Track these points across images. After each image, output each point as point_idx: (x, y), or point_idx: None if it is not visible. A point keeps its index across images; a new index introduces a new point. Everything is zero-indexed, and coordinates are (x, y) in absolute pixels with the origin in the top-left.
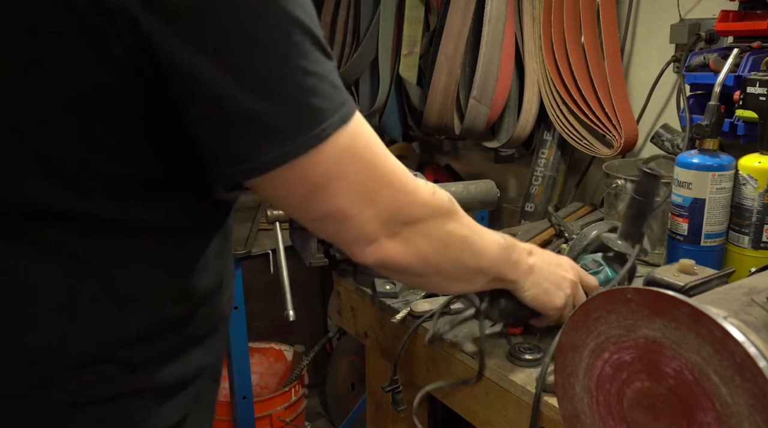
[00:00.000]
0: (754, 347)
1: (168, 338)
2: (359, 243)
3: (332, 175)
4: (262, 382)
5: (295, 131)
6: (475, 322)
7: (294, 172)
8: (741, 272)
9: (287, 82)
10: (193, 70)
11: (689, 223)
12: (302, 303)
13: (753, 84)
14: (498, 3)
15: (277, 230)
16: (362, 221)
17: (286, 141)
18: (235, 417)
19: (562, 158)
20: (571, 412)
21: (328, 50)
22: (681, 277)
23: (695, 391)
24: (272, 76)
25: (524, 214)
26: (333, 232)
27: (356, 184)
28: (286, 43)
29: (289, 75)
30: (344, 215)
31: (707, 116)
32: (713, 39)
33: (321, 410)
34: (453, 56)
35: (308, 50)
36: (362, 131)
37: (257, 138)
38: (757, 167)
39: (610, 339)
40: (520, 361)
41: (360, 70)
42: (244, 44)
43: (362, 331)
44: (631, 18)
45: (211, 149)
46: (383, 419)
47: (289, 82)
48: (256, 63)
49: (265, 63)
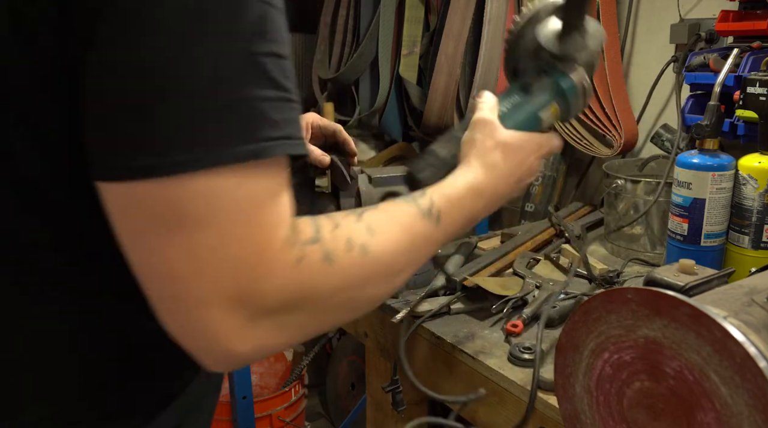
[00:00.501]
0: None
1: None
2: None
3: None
4: (262, 382)
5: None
6: (475, 322)
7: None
8: (741, 272)
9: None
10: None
11: (689, 223)
12: None
13: (753, 84)
14: (498, 3)
15: None
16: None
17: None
18: (235, 417)
19: (562, 158)
20: (571, 412)
21: (281, 73)
22: (681, 277)
23: (695, 391)
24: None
25: (524, 214)
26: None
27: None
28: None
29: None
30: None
31: (707, 116)
32: (713, 39)
33: (321, 410)
34: (453, 56)
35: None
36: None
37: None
38: (757, 167)
39: (610, 339)
40: (520, 361)
41: (360, 70)
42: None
43: (362, 331)
44: (631, 18)
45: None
46: (383, 419)
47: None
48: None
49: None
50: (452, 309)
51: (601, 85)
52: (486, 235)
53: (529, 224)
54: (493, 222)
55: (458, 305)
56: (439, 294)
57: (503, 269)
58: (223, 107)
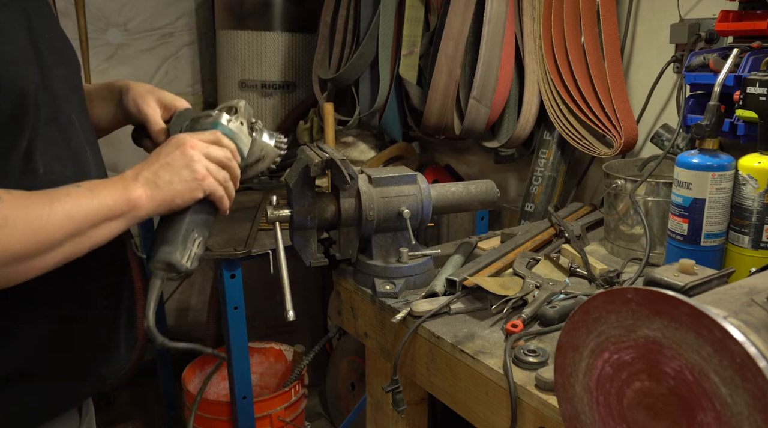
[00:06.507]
0: (754, 347)
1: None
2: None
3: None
4: (262, 382)
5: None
6: (475, 322)
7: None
8: (741, 272)
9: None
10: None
11: (689, 223)
12: (302, 303)
13: (753, 84)
14: (498, 3)
15: (277, 230)
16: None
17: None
18: (235, 417)
19: (562, 158)
20: (571, 412)
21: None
22: (681, 277)
23: (695, 391)
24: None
25: (524, 214)
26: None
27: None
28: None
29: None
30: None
31: (707, 116)
32: (713, 39)
33: (321, 410)
34: (453, 56)
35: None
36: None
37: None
38: (757, 167)
39: (610, 339)
40: (524, 364)
41: (360, 70)
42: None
43: (362, 331)
44: (631, 18)
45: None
46: (383, 419)
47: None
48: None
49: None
50: (452, 309)
51: (601, 85)
52: (486, 235)
53: (529, 224)
54: (493, 222)
55: (458, 305)
56: (439, 294)
57: (503, 269)
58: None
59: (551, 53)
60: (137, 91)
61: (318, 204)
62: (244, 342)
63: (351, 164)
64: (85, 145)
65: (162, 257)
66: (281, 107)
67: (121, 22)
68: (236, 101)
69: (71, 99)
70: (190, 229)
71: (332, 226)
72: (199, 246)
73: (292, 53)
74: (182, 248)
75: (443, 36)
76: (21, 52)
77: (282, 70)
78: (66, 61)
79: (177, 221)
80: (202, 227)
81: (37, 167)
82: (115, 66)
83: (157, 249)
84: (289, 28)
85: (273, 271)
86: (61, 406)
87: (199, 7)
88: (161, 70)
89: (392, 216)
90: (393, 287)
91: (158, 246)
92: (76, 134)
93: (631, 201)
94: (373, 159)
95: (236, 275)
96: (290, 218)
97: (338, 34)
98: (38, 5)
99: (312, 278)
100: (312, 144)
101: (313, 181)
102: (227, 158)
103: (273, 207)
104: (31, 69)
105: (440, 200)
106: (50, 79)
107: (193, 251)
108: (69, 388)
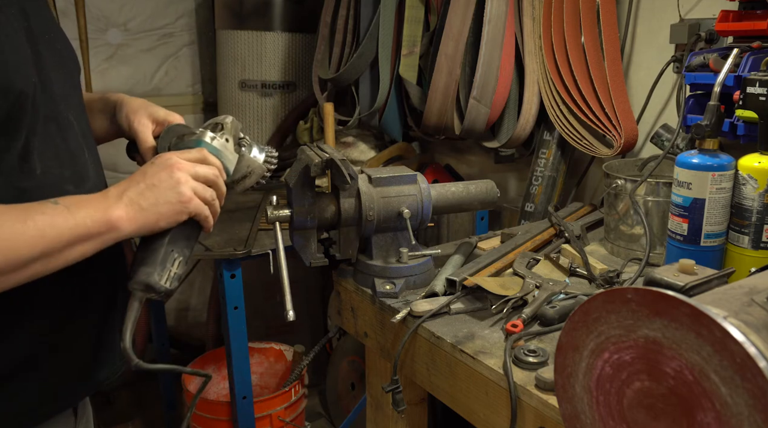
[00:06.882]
0: (754, 347)
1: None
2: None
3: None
4: (262, 382)
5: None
6: (475, 322)
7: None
8: (741, 272)
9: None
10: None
11: (689, 223)
12: (302, 303)
13: (753, 84)
14: (498, 3)
15: (277, 230)
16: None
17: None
18: (235, 417)
19: (562, 158)
20: (571, 412)
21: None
22: (681, 277)
23: (695, 391)
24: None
25: (524, 214)
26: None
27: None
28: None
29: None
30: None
31: (707, 116)
32: (713, 39)
33: (321, 410)
34: (453, 56)
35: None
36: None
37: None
38: (757, 167)
39: (610, 339)
40: (524, 364)
41: (360, 70)
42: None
43: (362, 331)
44: (631, 18)
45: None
46: (383, 419)
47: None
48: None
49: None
50: (452, 309)
51: (601, 85)
52: (486, 235)
53: (529, 224)
54: (493, 222)
55: (458, 305)
56: (439, 294)
57: (503, 269)
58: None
59: (551, 53)
60: (130, 107)
61: (318, 204)
62: (244, 342)
63: (351, 164)
64: (83, 146)
65: (141, 279)
66: (281, 106)
67: (121, 22)
68: (223, 117)
69: (70, 100)
70: (169, 250)
71: (332, 226)
72: (180, 266)
73: (292, 53)
74: (161, 268)
75: (443, 36)
76: (19, 53)
77: (282, 70)
78: (65, 62)
79: (157, 242)
80: (184, 246)
81: (35, 168)
82: (115, 66)
83: (136, 270)
84: (289, 28)
85: (273, 271)
86: (56, 407)
87: (199, 7)
88: (161, 70)
89: (392, 216)
90: (393, 287)
91: (137, 267)
92: (74, 134)
93: (631, 201)
94: (373, 159)
95: (236, 275)
96: (290, 218)
97: (338, 34)
98: (38, 6)
99: (312, 278)
100: (312, 144)
101: (313, 181)
102: (215, 175)
103: (273, 207)
104: (30, 70)
105: (440, 200)
106: (49, 80)
107: (173, 271)
108: (64, 389)
